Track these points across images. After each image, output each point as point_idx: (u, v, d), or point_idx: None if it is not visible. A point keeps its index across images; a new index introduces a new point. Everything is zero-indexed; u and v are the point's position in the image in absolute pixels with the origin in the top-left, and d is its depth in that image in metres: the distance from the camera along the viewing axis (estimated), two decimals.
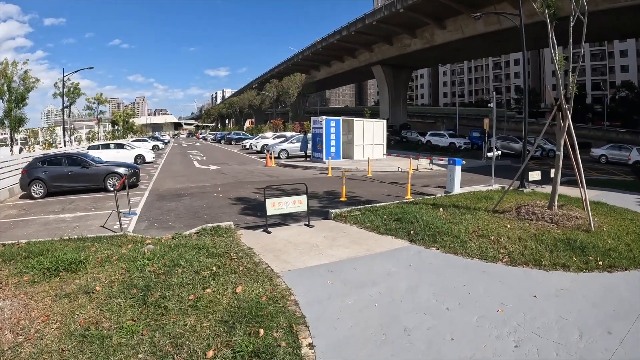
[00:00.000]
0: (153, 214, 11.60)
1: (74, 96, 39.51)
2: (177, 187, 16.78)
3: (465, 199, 12.00)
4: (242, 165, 25.12)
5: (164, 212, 11.75)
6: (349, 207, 11.05)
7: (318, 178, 18.64)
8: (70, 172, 15.82)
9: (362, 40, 58.21)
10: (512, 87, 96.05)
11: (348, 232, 8.47)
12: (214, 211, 11.57)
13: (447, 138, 40.93)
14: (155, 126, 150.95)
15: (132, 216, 11.41)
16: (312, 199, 12.78)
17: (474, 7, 41.21)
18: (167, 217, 11.17)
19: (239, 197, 13.65)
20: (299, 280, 5.82)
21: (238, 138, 55.90)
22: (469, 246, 7.20)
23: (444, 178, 18.25)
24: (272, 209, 8.73)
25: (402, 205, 10.65)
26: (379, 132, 25.53)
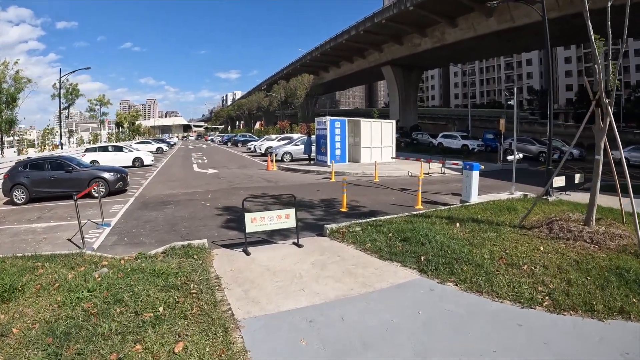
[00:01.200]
0: (128, 226, 10.27)
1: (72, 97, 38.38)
2: (165, 193, 15.46)
3: (484, 210, 10.44)
4: (242, 169, 23.74)
5: (140, 224, 10.40)
6: (349, 219, 9.59)
7: (320, 184, 17.18)
8: (52, 177, 14.79)
9: (371, 39, 56.84)
10: (524, 87, 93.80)
11: (343, 256, 6.95)
12: (195, 223, 10.17)
13: (460, 140, 39.33)
14: (164, 128, 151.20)
15: (105, 228, 10.20)
16: (308, 209, 11.39)
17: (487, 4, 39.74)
18: (141, 229, 9.81)
19: (227, 206, 12.23)
20: (264, 335, 4.32)
21: (244, 140, 54.69)
22: (496, 281, 5.63)
23: (457, 184, 16.80)
24: (252, 226, 7.27)
25: (411, 219, 9.13)
26: (388, 133, 23.93)
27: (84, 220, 11.14)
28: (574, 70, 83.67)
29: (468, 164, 12.55)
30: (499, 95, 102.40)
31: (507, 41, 46.54)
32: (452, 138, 40.61)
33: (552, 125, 14.92)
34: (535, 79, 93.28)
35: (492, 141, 38.77)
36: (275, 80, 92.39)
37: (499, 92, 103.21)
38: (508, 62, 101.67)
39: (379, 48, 59.46)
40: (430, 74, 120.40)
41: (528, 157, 29.08)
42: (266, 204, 12.15)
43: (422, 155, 28.13)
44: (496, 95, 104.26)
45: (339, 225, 8.59)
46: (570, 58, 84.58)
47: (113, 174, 15.43)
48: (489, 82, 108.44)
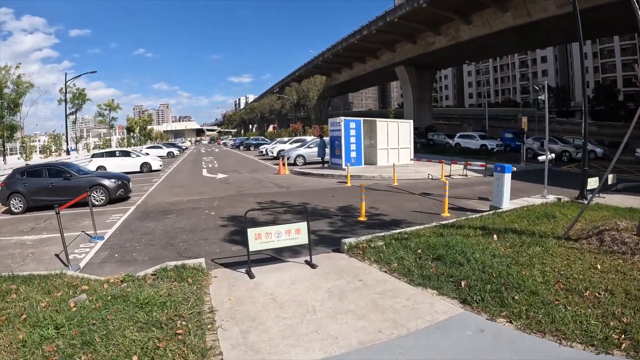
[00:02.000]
0: (122, 239, 9.25)
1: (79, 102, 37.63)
2: (169, 200, 14.45)
3: (520, 218, 9.21)
4: (253, 174, 22.66)
5: (136, 237, 9.36)
6: (369, 231, 8.46)
7: (335, 188, 16.01)
8: (50, 184, 13.93)
9: (383, 39, 55.54)
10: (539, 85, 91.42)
11: (365, 280, 5.77)
12: (196, 236, 9.08)
13: (478, 140, 37.87)
14: (177, 133, 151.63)
15: (97, 241, 9.22)
16: (323, 218, 10.25)
17: None
18: (136, 244, 8.76)
19: (233, 215, 11.11)
20: None
21: (257, 143, 53.80)
22: (558, 315, 4.40)
23: (482, 187, 15.60)
24: (257, 243, 6.16)
25: (441, 231, 7.93)
26: (405, 134, 22.63)
27: (78, 231, 10.32)
28: (591, 67, 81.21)
29: (499, 165, 11.31)
30: (514, 94, 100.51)
31: (523, 37, 45.07)
32: (470, 138, 39.14)
33: (587, 123, 13.51)
34: (550, 77, 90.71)
35: (511, 140, 37.72)
36: (287, 83, 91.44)
37: (514, 91, 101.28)
38: (522, 59, 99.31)
39: (392, 48, 58.15)
40: (443, 73, 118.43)
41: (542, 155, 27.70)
42: (276, 213, 11.05)
43: (440, 156, 26.82)
44: (511, 93, 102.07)
45: (359, 240, 7.41)
46: (587, 54, 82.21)
47: (114, 180, 14.48)
48: (504, 80, 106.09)
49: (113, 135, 52.88)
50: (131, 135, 55.43)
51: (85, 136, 43.01)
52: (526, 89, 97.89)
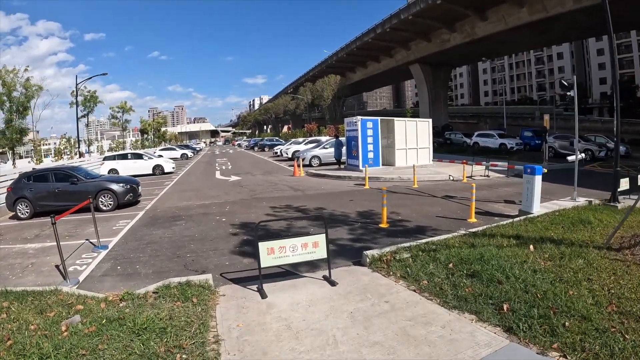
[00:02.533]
0: (127, 249, 8.67)
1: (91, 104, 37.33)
2: (179, 205, 13.89)
3: (554, 224, 8.43)
4: (267, 176, 22.04)
5: (141, 246, 8.78)
6: (392, 239, 7.80)
7: (352, 191, 15.28)
8: (57, 189, 13.50)
9: (397, 37, 54.60)
10: (556, 82, 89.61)
11: (393, 302, 5.05)
12: (205, 246, 8.45)
13: (497, 139, 36.70)
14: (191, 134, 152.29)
15: (100, 251, 8.70)
16: (341, 225, 9.55)
17: None
18: (140, 254, 8.17)
19: (245, 222, 10.47)
20: None
21: (271, 144, 53.31)
22: (617, 346, 3.68)
23: (506, 188, 14.80)
24: (269, 258, 5.49)
25: (471, 241, 7.20)
26: (424, 133, 21.75)
27: (82, 239, 9.83)
28: (608, 63, 79.06)
29: (529, 167, 10.52)
30: (530, 91, 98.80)
31: (539, 33, 43.96)
32: (488, 137, 38.00)
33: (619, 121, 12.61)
34: (567, 73, 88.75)
35: (531, 139, 36.58)
36: (301, 83, 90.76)
37: (530, 88, 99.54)
38: (538, 56, 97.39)
39: (407, 46, 57.23)
40: (458, 71, 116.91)
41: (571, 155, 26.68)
42: (290, 219, 10.38)
43: (459, 156, 25.99)
44: (527, 91, 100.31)
45: (382, 252, 6.70)
46: (603, 50, 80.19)
47: (122, 185, 13.97)
48: (519, 77, 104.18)
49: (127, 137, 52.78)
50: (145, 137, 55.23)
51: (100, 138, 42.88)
52: (542, 86, 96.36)
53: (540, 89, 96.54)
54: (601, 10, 12.86)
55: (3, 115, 26.49)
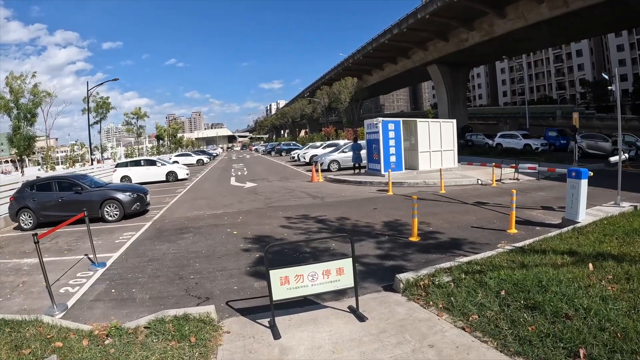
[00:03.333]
0: (126, 267, 7.75)
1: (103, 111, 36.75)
2: (189, 215, 12.96)
3: (606, 235, 7.27)
4: (283, 182, 21.02)
5: (142, 264, 7.85)
6: (425, 255, 6.79)
7: (375, 198, 14.14)
8: (60, 198, 12.74)
9: (414, 37, 53.46)
10: (576, 80, 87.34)
11: (439, 346, 3.95)
12: (212, 264, 7.45)
13: (521, 139, 35.33)
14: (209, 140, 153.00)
15: (97, 269, 7.82)
16: (366, 239, 8.50)
17: None
18: (139, 274, 7.23)
19: (259, 235, 9.46)
20: None
21: (288, 149, 52.42)
22: None
23: (540, 193, 13.64)
24: (283, 290, 4.44)
25: (520, 258, 6.10)
26: (448, 135, 20.44)
27: (81, 254, 8.95)
28: (628, 59, 76.62)
29: (573, 170, 9.30)
30: (550, 90, 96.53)
31: (559, 29, 42.56)
32: (512, 137, 36.62)
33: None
34: (587, 71, 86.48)
35: (555, 139, 35.14)
36: (317, 87, 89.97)
37: (549, 87, 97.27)
38: (557, 54, 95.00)
39: (424, 46, 56.06)
40: (475, 72, 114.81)
41: (600, 156, 25.26)
42: (309, 232, 9.36)
43: (483, 158, 24.79)
44: (546, 90, 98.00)
45: (418, 275, 5.61)
46: (623, 46, 77.70)
47: (129, 194, 13.11)
48: (538, 77, 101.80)
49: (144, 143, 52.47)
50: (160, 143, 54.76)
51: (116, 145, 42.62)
52: (562, 84, 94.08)
53: (559, 88, 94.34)
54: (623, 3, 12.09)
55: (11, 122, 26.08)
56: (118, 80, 50.18)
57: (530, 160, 21.78)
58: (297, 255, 7.49)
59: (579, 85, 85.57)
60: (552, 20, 38.65)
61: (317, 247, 8.03)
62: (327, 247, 7.89)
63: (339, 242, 8.18)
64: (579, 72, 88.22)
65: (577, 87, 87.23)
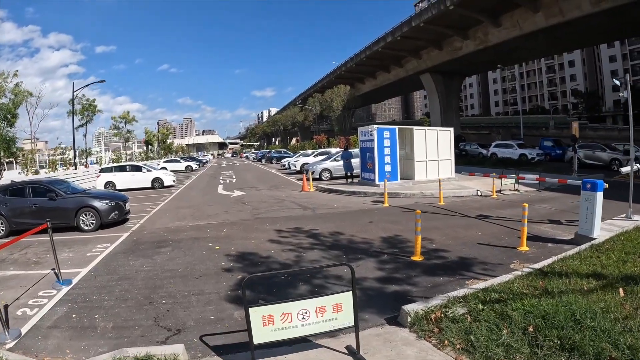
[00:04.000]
0: (92, 287, 6.85)
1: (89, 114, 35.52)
2: (170, 226, 12.03)
3: (627, 254, 6.65)
4: (273, 190, 20.11)
5: (111, 283, 6.94)
6: (432, 278, 6.11)
7: (370, 210, 13.29)
8: (34, 205, 11.78)
9: (408, 45, 53.12)
10: (568, 91, 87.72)
11: None
12: (187, 287, 6.54)
13: (517, 149, 34.91)
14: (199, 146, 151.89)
15: (62, 287, 6.91)
16: (364, 258, 7.68)
17: None
18: (106, 296, 6.33)
19: (243, 251, 8.53)
20: None
21: (279, 157, 51.54)
22: None
23: (544, 205, 13.02)
24: (266, 331, 3.55)
25: (541, 283, 5.36)
26: (445, 144, 19.61)
27: (49, 269, 8.00)
28: (620, 70, 76.80)
29: (589, 181, 8.54)
30: (542, 100, 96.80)
31: (555, 39, 42.57)
32: (507, 147, 36.17)
33: None
34: (579, 81, 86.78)
35: (551, 149, 34.96)
36: (309, 94, 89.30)
37: (541, 97, 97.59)
38: (549, 65, 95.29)
39: (417, 55, 55.74)
40: (468, 82, 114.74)
41: (597, 166, 25.23)
42: (299, 249, 8.47)
43: (479, 168, 24.18)
44: (538, 100, 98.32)
45: (428, 306, 4.76)
46: (615, 56, 78.06)
47: (107, 202, 12.15)
48: (530, 87, 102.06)
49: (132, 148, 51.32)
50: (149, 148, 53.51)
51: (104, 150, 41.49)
52: (554, 95, 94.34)
53: (552, 98, 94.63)
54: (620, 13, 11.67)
55: None
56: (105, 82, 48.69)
57: (529, 170, 21.21)
58: (285, 277, 6.63)
59: (571, 95, 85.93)
60: (547, 29, 38.49)
61: (308, 265, 7.18)
62: (320, 268, 7.04)
63: (333, 261, 7.35)
64: (572, 82, 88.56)
65: (569, 97, 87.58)
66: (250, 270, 7.05)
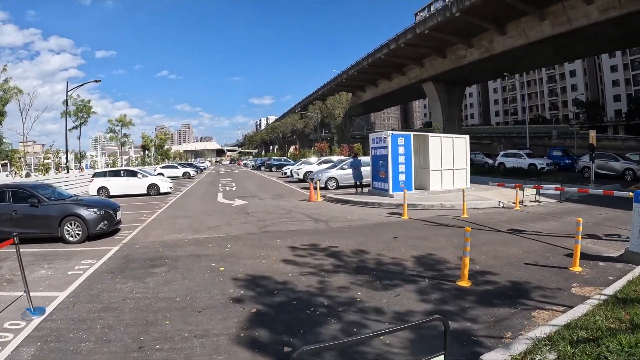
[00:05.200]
0: (70, 318, 5.53)
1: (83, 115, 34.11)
2: (167, 239, 10.69)
3: None
4: (277, 200, 18.77)
5: (92, 315, 5.60)
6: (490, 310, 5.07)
7: (390, 224, 11.94)
8: (14, 211, 10.45)
9: (411, 53, 52.41)
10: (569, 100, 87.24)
11: None
12: (188, 324, 5.18)
13: (526, 159, 33.92)
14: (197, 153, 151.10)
15: (32, 318, 5.61)
16: (400, 284, 6.40)
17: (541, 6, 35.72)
18: (84, 334, 4.99)
19: (254, 274, 7.16)
20: None
21: (279, 164, 50.25)
22: None
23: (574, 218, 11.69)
24: None
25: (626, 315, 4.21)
26: (461, 152, 18.41)
27: (21, 291, 6.64)
28: (621, 79, 76.54)
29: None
30: (543, 110, 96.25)
31: (561, 47, 41.93)
32: (516, 157, 35.08)
33: None
34: (580, 91, 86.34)
35: (560, 159, 34.45)
36: (310, 102, 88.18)
37: (542, 107, 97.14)
38: (550, 74, 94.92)
39: (420, 63, 55.03)
40: (468, 91, 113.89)
41: (611, 176, 24.35)
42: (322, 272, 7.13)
43: (489, 178, 23.04)
44: (539, 110, 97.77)
45: (512, 354, 3.49)
46: (617, 66, 77.60)
47: (94, 210, 10.79)
48: (531, 97, 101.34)
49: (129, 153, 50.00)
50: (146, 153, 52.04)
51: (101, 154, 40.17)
52: (555, 104, 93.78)
53: (553, 108, 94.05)
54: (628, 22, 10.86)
55: None
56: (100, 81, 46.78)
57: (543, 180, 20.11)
58: (310, 312, 5.34)
59: (572, 105, 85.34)
60: (554, 37, 38.11)
61: (335, 298, 5.86)
62: (352, 299, 5.75)
63: (366, 289, 6.07)
64: (573, 92, 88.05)
65: (569, 107, 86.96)
66: (265, 302, 5.71)
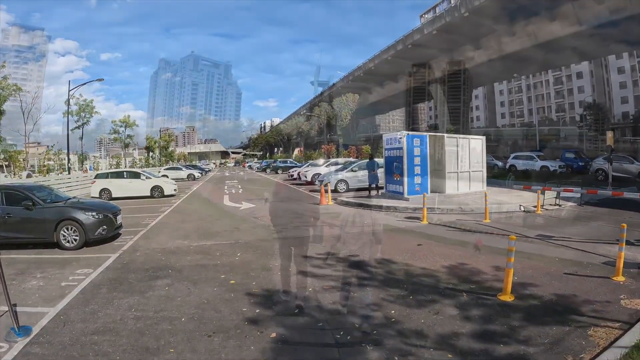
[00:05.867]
0: (58, 342, 4.76)
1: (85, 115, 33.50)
2: (170, 245, 9.93)
3: None
4: (286, 203, 17.88)
5: (84, 338, 4.82)
6: (544, 330, 4.43)
7: (410, 229, 11.11)
8: (7, 214, 9.72)
9: (418, 54, 52.01)
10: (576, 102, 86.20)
11: None
12: (196, 354, 4.37)
13: (538, 161, 33.22)
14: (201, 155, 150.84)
15: (17, 340, 4.86)
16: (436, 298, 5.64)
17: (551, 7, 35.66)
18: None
19: (270, 287, 6.37)
20: None
21: (285, 166, 49.55)
22: None
23: (598, 222, 11.28)
24: None
25: None
26: (477, 153, 17.59)
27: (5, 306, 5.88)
28: (629, 81, 75.31)
29: None
30: (549, 112, 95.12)
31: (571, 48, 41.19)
32: (527, 159, 34.30)
33: None
34: (587, 93, 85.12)
35: (573, 161, 33.51)
36: (315, 104, 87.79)
37: (549, 109, 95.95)
38: (557, 76, 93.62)
39: (427, 64, 54.43)
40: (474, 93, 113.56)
41: (625, 179, 23.34)
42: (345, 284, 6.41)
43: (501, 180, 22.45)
44: (546, 112, 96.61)
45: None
46: (624, 68, 76.42)
47: (93, 214, 10.01)
48: (538, 99, 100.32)
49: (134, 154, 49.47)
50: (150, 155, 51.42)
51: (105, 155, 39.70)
52: (562, 106, 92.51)
53: (559, 110, 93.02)
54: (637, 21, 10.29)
55: None
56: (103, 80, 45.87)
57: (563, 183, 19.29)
58: (341, 336, 4.58)
59: (579, 107, 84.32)
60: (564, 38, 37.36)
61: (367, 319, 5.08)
62: (386, 318, 4.98)
63: (400, 306, 5.31)
64: (579, 94, 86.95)
65: (576, 109, 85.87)
66: (287, 324, 4.92)
